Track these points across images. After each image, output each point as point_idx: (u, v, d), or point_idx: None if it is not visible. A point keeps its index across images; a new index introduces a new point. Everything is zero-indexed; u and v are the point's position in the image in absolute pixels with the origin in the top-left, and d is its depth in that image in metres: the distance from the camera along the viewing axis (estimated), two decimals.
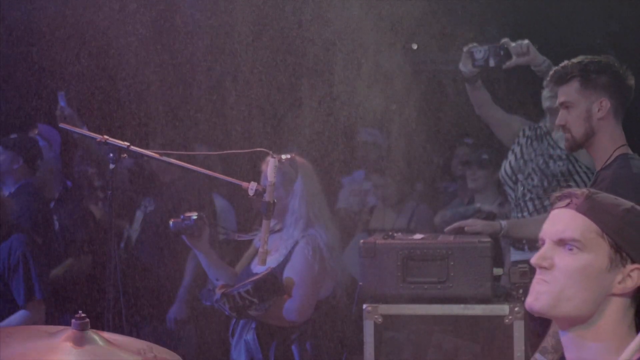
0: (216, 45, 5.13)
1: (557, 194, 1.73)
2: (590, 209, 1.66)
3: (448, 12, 4.93)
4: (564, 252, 1.67)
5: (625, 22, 5.02)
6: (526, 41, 3.85)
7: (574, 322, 1.66)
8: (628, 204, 1.68)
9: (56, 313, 4.33)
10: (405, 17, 4.81)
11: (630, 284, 1.62)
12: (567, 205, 1.69)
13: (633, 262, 1.63)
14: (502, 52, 3.87)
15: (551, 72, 3.14)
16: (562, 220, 1.69)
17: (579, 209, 1.67)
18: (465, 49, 4.03)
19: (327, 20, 4.95)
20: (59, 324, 2.18)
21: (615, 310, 1.64)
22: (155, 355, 2.17)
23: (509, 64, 3.89)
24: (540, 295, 1.67)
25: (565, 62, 3.09)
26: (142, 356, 2.15)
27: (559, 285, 1.65)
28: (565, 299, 1.65)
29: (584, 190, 1.70)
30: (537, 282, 1.69)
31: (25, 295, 3.98)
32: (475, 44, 4.00)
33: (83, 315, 2.15)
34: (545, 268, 1.67)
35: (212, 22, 5.08)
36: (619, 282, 1.63)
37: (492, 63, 3.92)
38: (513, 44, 3.86)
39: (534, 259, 1.70)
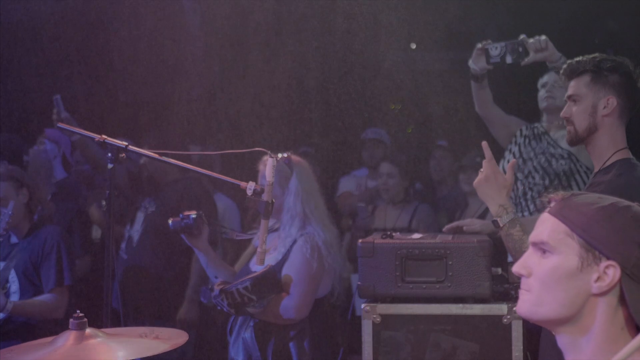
0: (216, 45, 5.15)
1: (542, 199, 1.72)
2: (560, 210, 1.65)
3: (445, 12, 4.94)
4: (539, 256, 1.67)
5: (624, 21, 5.01)
6: (544, 37, 3.75)
7: (558, 324, 1.65)
8: (607, 201, 1.64)
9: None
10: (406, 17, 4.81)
11: (607, 282, 1.58)
12: (547, 210, 1.70)
13: (608, 259, 1.58)
14: (520, 49, 3.76)
15: (565, 65, 3.08)
16: (540, 225, 1.69)
17: (552, 211, 1.67)
18: (478, 45, 3.92)
19: (329, 20, 4.96)
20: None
21: (603, 312, 1.60)
22: (158, 335, 2.20)
23: (527, 60, 3.78)
24: (522, 304, 1.69)
25: (580, 57, 3.04)
26: (145, 338, 2.18)
27: (535, 292, 1.66)
28: (542, 304, 1.65)
29: (565, 193, 1.69)
30: (520, 291, 1.70)
31: (56, 279, 4.09)
32: (489, 41, 3.89)
33: (81, 314, 2.17)
34: (524, 276, 1.68)
35: (212, 24, 5.09)
36: (596, 281, 1.59)
37: (509, 60, 3.81)
38: (531, 40, 3.75)
39: (514, 268, 1.71)
